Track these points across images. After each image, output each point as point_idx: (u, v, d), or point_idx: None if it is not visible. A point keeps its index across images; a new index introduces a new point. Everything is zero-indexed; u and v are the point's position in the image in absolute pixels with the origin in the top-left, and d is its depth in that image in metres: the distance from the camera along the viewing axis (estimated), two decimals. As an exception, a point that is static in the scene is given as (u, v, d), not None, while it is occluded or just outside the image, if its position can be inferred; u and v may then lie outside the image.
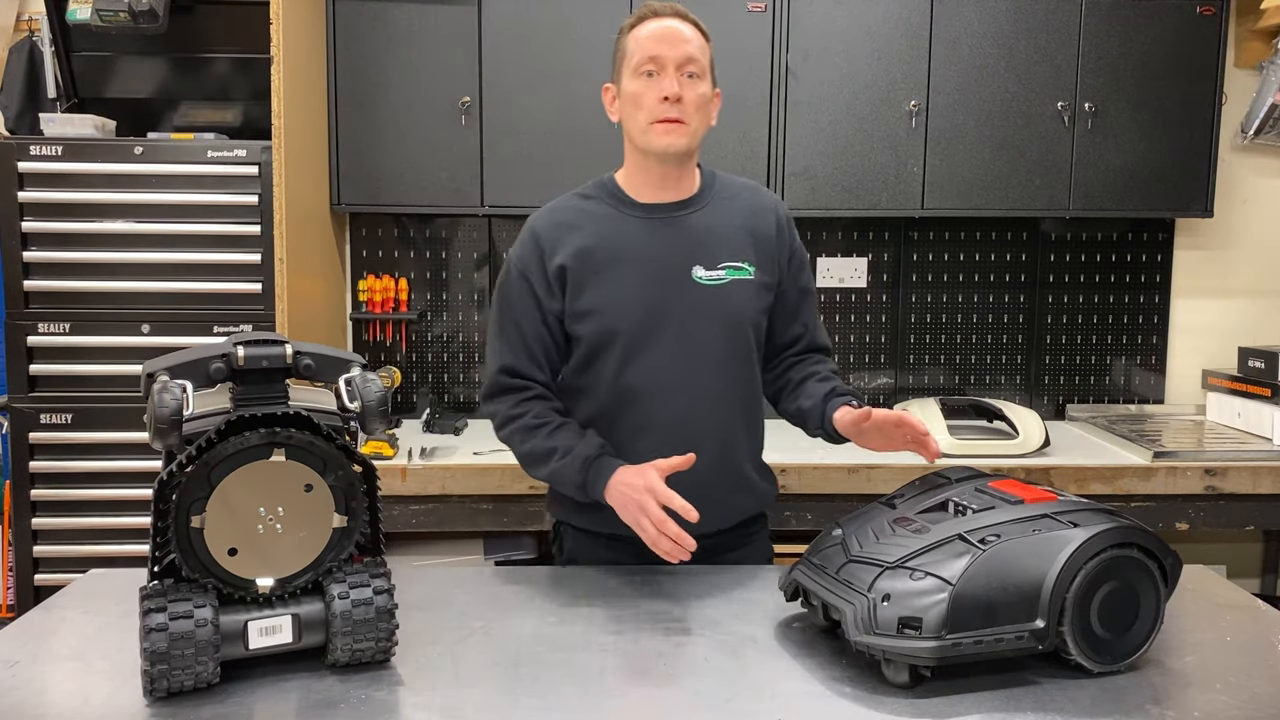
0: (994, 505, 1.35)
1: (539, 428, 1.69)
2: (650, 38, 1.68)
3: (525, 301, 1.73)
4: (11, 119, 3.01)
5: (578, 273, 1.70)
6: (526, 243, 1.75)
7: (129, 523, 2.75)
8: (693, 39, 1.69)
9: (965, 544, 1.27)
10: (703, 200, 1.77)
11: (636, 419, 1.71)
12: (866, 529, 1.39)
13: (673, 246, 1.72)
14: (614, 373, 1.71)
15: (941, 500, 1.41)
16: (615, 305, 1.69)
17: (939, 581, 1.23)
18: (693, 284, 1.71)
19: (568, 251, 1.71)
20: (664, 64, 1.66)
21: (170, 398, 1.14)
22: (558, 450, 1.66)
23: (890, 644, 1.21)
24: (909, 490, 1.49)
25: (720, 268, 1.72)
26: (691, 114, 1.68)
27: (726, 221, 1.75)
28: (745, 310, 1.74)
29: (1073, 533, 1.27)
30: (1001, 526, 1.29)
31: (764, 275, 1.76)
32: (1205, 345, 3.30)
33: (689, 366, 1.71)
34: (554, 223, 1.75)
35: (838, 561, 1.34)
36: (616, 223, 1.73)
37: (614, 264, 1.70)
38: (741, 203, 1.79)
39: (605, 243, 1.71)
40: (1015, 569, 1.24)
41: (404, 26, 2.84)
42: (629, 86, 1.69)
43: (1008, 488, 1.41)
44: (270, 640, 1.24)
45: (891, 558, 1.28)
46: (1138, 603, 1.30)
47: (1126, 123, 2.91)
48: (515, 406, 1.72)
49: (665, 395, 1.71)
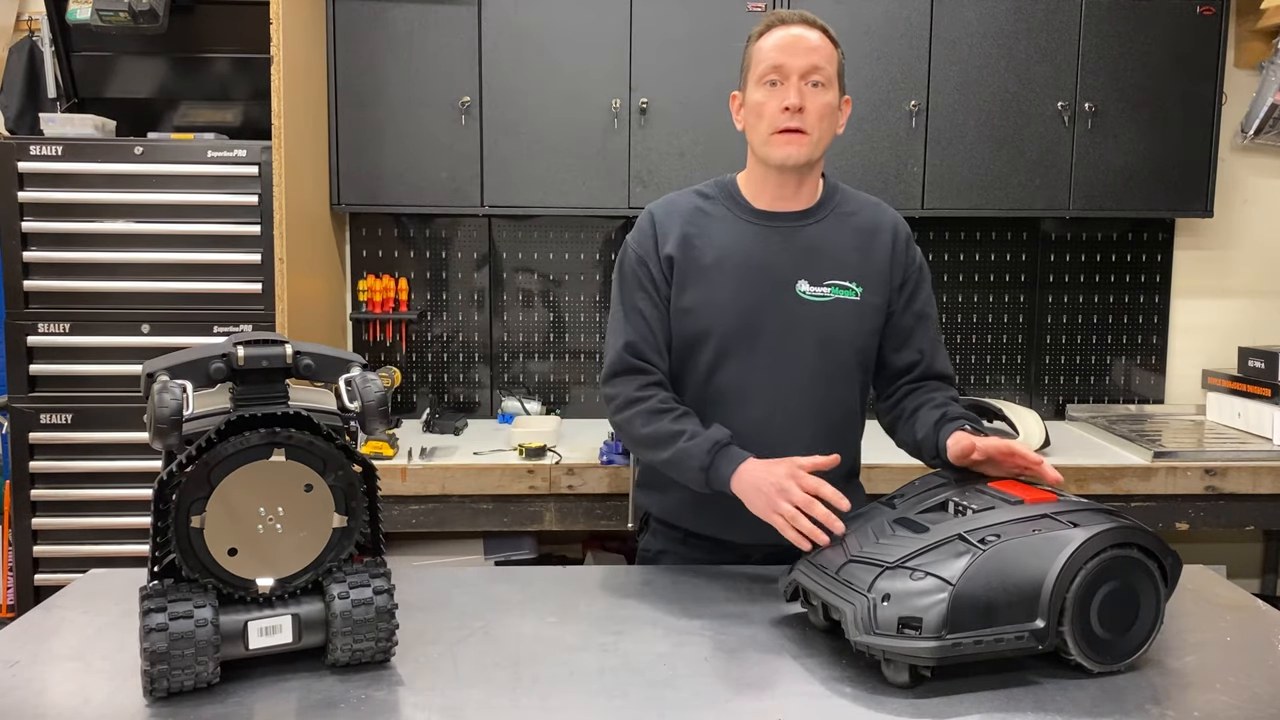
0: (994, 505, 1.35)
1: (665, 412, 1.66)
2: (774, 47, 1.66)
3: (644, 285, 1.72)
4: (11, 119, 3.01)
5: (683, 267, 1.70)
6: (644, 228, 1.75)
7: (129, 523, 2.75)
8: (819, 46, 1.66)
9: (965, 544, 1.27)
10: (820, 213, 1.74)
11: (717, 423, 1.67)
12: (866, 529, 1.39)
13: (781, 257, 1.70)
14: (704, 374, 1.71)
15: (942, 500, 1.41)
16: (712, 306, 1.69)
17: (939, 581, 1.23)
18: (795, 297, 1.69)
19: (676, 242, 1.71)
20: (787, 73, 1.64)
21: (170, 398, 1.14)
22: (685, 433, 1.62)
23: (890, 644, 1.21)
24: (909, 490, 1.48)
25: (826, 284, 1.70)
26: (814, 124, 1.65)
27: (840, 238, 1.72)
28: (846, 330, 1.70)
29: (1073, 533, 1.27)
30: (1001, 526, 1.29)
31: (873, 296, 1.72)
32: (1205, 345, 3.30)
33: (778, 379, 1.69)
34: (670, 212, 1.75)
35: (837, 562, 1.34)
36: (729, 225, 1.72)
37: (718, 265, 1.69)
38: (860, 219, 1.75)
39: (713, 243, 1.71)
40: (1015, 569, 1.24)
41: (404, 26, 2.84)
42: (753, 95, 1.68)
43: (1008, 488, 1.41)
44: (270, 640, 1.24)
45: (891, 558, 1.28)
46: (1138, 603, 1.29)
47: (1126, 123, 2.91)
48: (640, 389, 1.69)
49: (750, 403, 1.69)
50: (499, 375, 3.25)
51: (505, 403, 3.19)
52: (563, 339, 3.25)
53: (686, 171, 2.81)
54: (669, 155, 2.85)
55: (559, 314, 3.24)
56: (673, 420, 1.64)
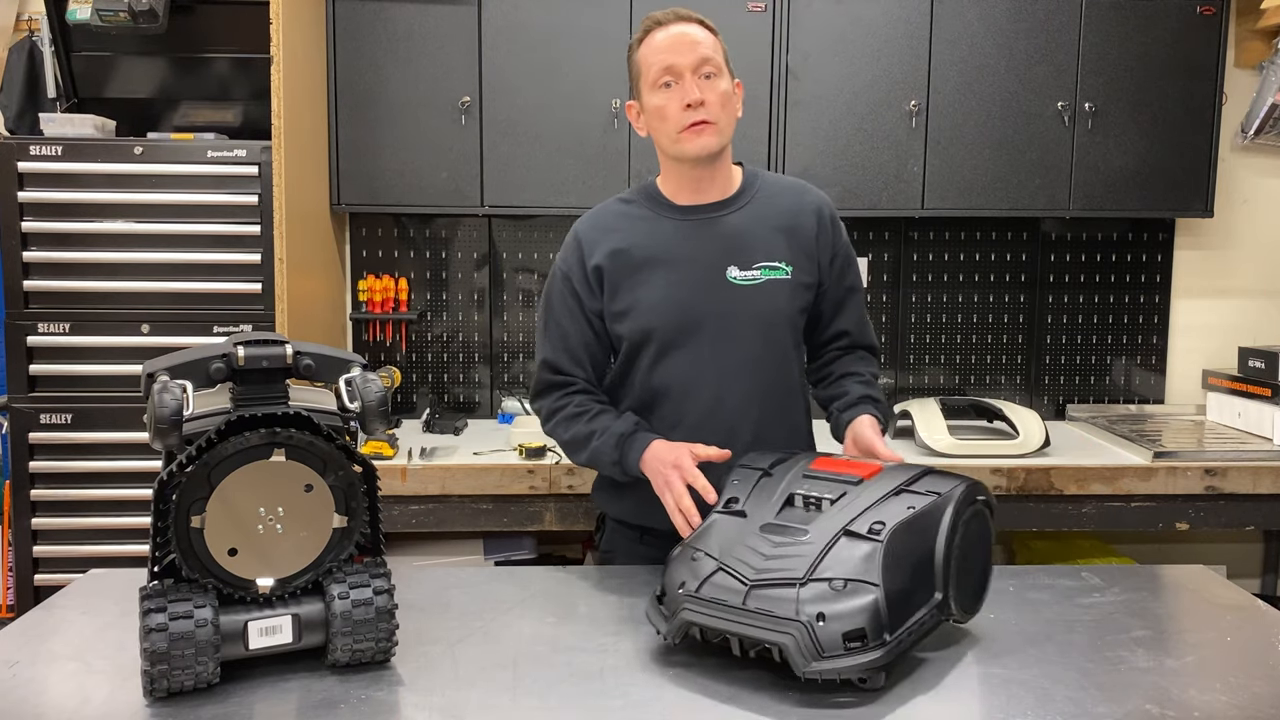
0: (843, 490, 1.35)
1: (579, 415, 1.74)
2: (661, 49, 1.68)
3: (567, 302, 1.78)
4: (11, 119, 3.01)
5: (614, 274, 1.75)
6: (569, 245, 1.81)
7: (129, 523, 2.75)
8: (703, 39, 1.69)
9: (859, 538, 1.26)
10: (741, 200, 1.78)
11: (668, 416, 1.75)
12: (738, 546, 1.30)
13: (707, 248, 1.74)
14: (647, 371, 1.75)
15: (785, 496, 1.37)
16: (649, 306, 1.73)
17: (864, 585, 1.21)
18: (727, 284, 1.73)
19: (604, 253, 1.75)
20: (680, 72, 1.67)
21: (170, 398, 1.14)
22: (596, 431, 1.71)
23: (842, 664, 1.17)
24: (736, 489, 1.42)
25: (755, 268, 1.74)
26: (717, 113, 1.68)
27: (764, 221, 1.76)
28: (781, 310, 1.75)
29: (938, 501, 1.31)
30: (874, 511, 1.30)
31: (802, 275, 1.76)
32: (1205, 345, 3.30)
33: (721, 365, 1.73)
34: (594, 225, 1.80)
35: (738, 589, 1.24)
36: (653, 225, 1.76)
37: (648, 266, 1.73)
38: (783, 202, 1.79)
39: (641, 245, 1.75)
40: (911, 550, 1.26)
41: (404, 26, 2.84)
42: (651, 101, 1.70)
43: (830, 466, 1.42)
44: (270, 640, 1.24)
45: (797, 572, 1.23)
46: (985, 547, 1.37)
47: (1126, 123, 2.91)
48: (558, 400, 1.78)
49: (696, 393, 1.74)
50: (499, 375, 3.25)
51: (505, 403, 3.19)
52: (563, 339, 3.24)
53: (686, 171, 2.81)
54: (669, 155, 2.85)
55: (559, 314, 3.23)
56: (586, 421, 1.73)
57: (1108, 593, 1.57)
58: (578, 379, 1.79)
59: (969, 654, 1.35)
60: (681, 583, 1.29)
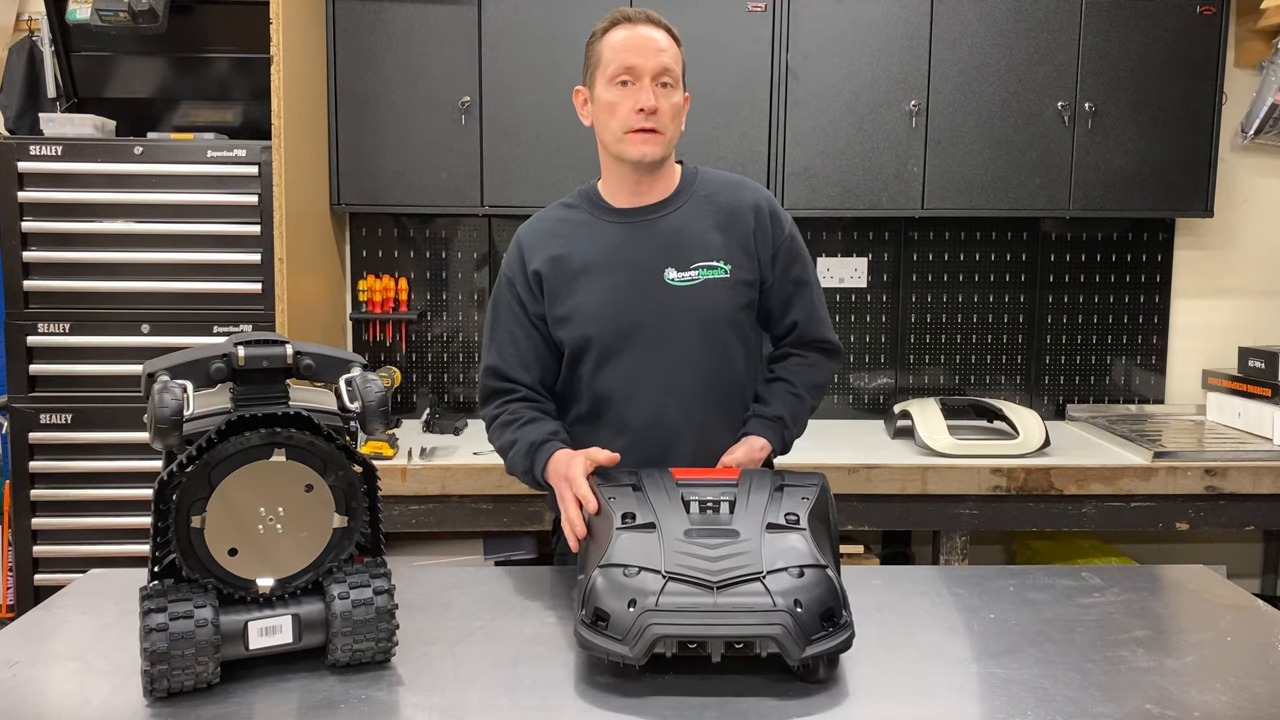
0: (726, 493, 1.40)
1: (510, 423, 1.74)
2: (625, 47, 1.68)
3: (511, 308, 1.79)
4: (11, 119, 3.01)
5: (552, 280, 1.75)
6: (512, 251, 1.81)
7: (129, 523, 2.75)
8: (667, 48, 1.70)
9: (783, 529, 1.32)
10: (678, 201, 1.77)
11: (613, 421, 1.75)
12: (673, 555, 1.28)
13: (644, 250, 1.74)
14: (590, 377, 1.75)
15: (684, 503, 1.39)
16: (587, 312, 1.73)
17: (816, 569, 1.26)
18: (665, 286, 1.72)
19: (543, 258, 1.75)
20: (639, 74, 1.67)
21: (171, 398, 1.14)
22: (516, 441, 1.71)
23: (829, 645, 1.22)
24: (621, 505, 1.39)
25: (693, 268, 1.73)
26: (667, 124, 1.69)
27: (701, 221, 1.76)
28: (720, 309, 1.73)
29: (809, 490, 1.41)
30: (775, 505, 1.37)
31: (742, 272, 1.75)
32: (1205, 345, 3.29)
33: (661, 369, 1.73)
34: (535, 231, 1.80)
35: (703, 594, 1.23)
36: (592, 229, 1.77)
37: (586, 271, 1.74)
38: (721, 200, 1.78)
39: (579, 250, 1.75)
40: (819, 533, 1.34)
41: (404, 26, 2.84)
42: (604, 95, 1.70)
43: (692, 474, 1.48)
44: (270, 640, 1.24)
45: (754, 567, 1.26)
46: None
47: (1126, 123, 2.91)
48: (498, 408, 1.78)
49: (638, 398, 1.74)
50: (499, 375, 3.25)
51: (505, 403, 3.18)
52: (563, 339, 3.24)
53: (686, 171, 2.81)
54: (669, 155, 2.85)
55: (559, 314, 3.23)
56: (513, 430, 1.73)
57: (1108, 593, 1.57)
58: (520, 386, 1.77)
59: (969, 654, 1.35)
60: (630, 601, 1.23)
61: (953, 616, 1.49)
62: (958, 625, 1.45)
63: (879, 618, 1.46)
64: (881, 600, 1.54)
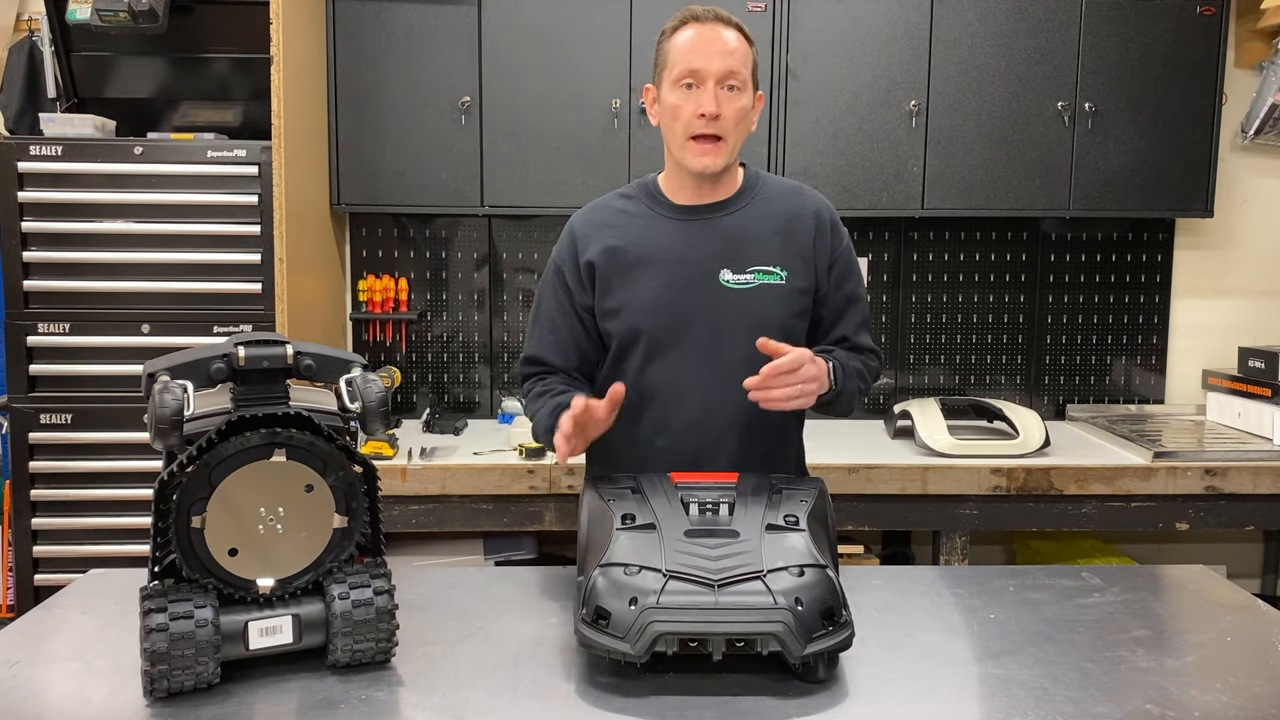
0: (726, 495, 1.41)
1: (545, 393, 1.75)
2: (690, 48, 1.65)
3: (556, 295, 1.78)
4: (11, 119, 3.01)
5: (605, 271, 1.73)
6: (564, 239, 1.80)
7: (129, 523, 2.75)
8: (735, 49, 1.65)
9: (781, 530, 1.33)
10: (740, 202, 1.75)
11: (655, 418, 1.73)
12: (674, 555, 1.29)
13: (701, 248, 1.71)
14: (636, 371, 1.73)
15: (684, 505, 1.40)
16: (639, 305, 1.71)
17: (816, 568, 1.26)
18: (719, 287, 1.70)
19: (597, 249, 1.73)
20: (704, 78, 1.64)
21: (171, 398, 1.14)
22: (545, 406, 1.71)
23: (830, 643, 1.22)
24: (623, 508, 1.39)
25: (749, 271, 1.71)
26: (730, 129, 1.65)
27: (760, 224, 1.73)
28: (772, 315, 1.70)
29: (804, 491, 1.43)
30: (774, 507, 1.38)
31: (798, 280, 1.72)
32: (1205, 345, 3.29)
33: (709, 370, 1.70)
34: (590, 221, 1.78)
35: (704, 592, 1.23)
36: (649, 223, 1.74)
37: (641, 264, 1.71)
38: (781, 205, 1.75)
39: (635, 243, 1.73)
40: (818, 534, 1.35)
41: (404, 26, 2.84)
42: (668, 97, 1.68)
43: (691, 478, 1.48)
44: (270, 640, 1.24)
45: (754, 566, 1.26)
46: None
47: (1126, 123, 2.91)
48: (534, 381, 1.80)
49: (683, 397, 1.71)
50: (499, 375, 3.25)
51: (505, 403, 3.19)
52: (563, 339, 3.24)
53: (686, 171, 2.81)
54: (669, 155, 2.85)
55: (559, 314, 3.23)
56: (546, 399, 1.73)
57: (1108, 593, 1.57)
58: (557, 370, 1.79)
59: (969, 654, 1.35)
60: (632, 599, 1.23)
61: (953, 616, 1.49)
62: (958, 625, 1.45)
63: (879, 618, 1.46)
64: (881, 600, 1.54)
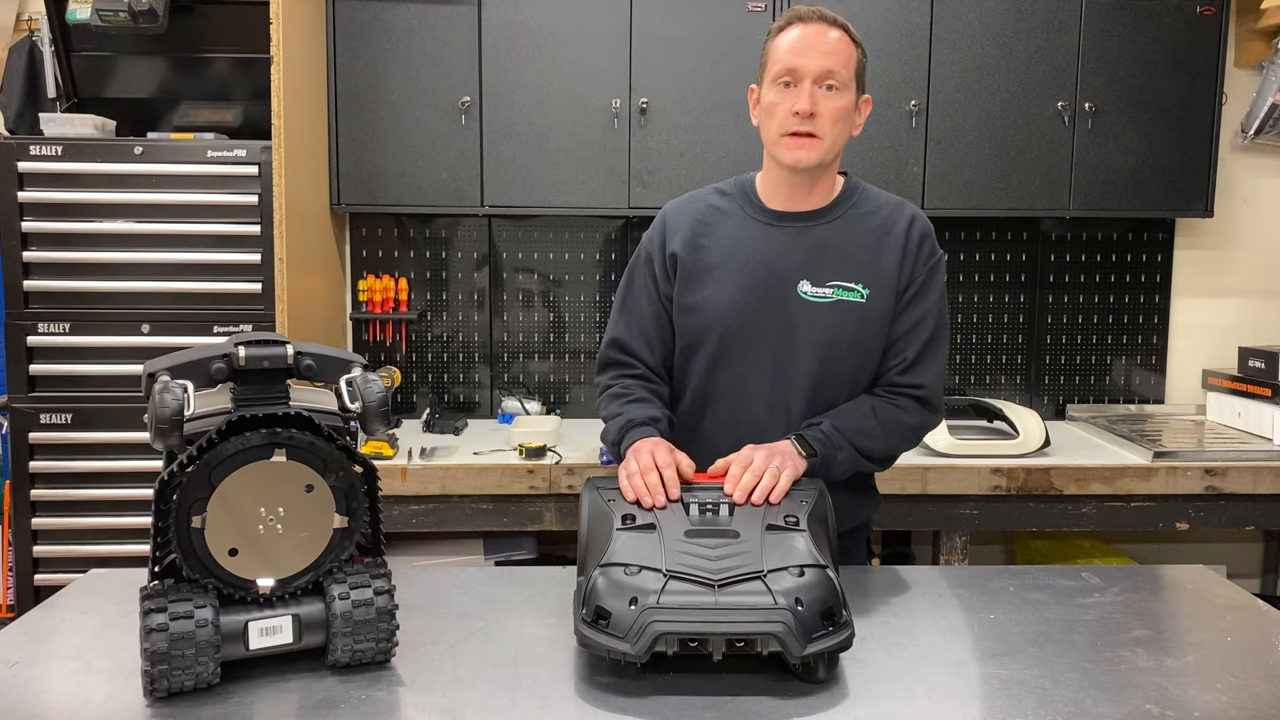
0: (723, 497, 1.42)
1: (620, 396, 1.73)
2: (790, 47, 1.63)
3: (645, 282, 1.77)
4: (11, 119, 3.01)
5: (687, 265, 1.72)
6: (656, 225, 1.79)
7: (129, 523, 2.75)
8: (837, 49, 1.62)
9: (782, 530, 1.33)
10: (833, 213, 1.72)
11: (720, 422, 1.72)
12: (674, 555, 1.28)
13: (786, 257, 1.69)
14: (705, 373, 1.72)
15: (684, 506, 1.40)
16: (714, 305, 1.69)
17: (816, 568, 1.26)
18: (796, 298, 1.67)
19: (682, 241, 1.72)
20: (800, 76, 1.62)
21: (171, 398, 1.14)
22: (619, 415, 1.68)
23: (830, 643, 1.22)
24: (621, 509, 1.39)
25: (829, 285, 1.67)
26: (826, 128, 1.63)
27: (850, 238, 1.69)
28: (846, 333, 1.67)
29: (805, 492, 1.43)
30: (776, 507, 1.39)
31: (879, 299, 1.67)
32: (1205, 345, 3.30)
33: (776, 380, 1.69)
34: (682, 211, 1.77)
35: (704, 592, 1.23)
36: (739, 224, 1.73)
37: (723, 264, 1.70)
38: (876, 220, 1.71)
39: (720, 242, 1.71)
40: (818, 534, 1.35)
41: (404, 26, 2.84)
42: (767, 95, 1.67)
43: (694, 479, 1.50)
44: (270, 640, 1.24)
45: (754, 566, 1.26)
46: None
47: (1126, 123, 2.91)
48: (613, 378, 1.78)
49: (749, 404, 1.70)
50: (499, 375, 3.25)
51: (505, 403, 3.19)
52: (563, 339, 3.25)
53: (686, 171, 2.81)
54: (669, 155, 2.85)
55: (559, 314, 3.24)
56: (620, 404, 1.71)
57: (1108, 593, 1.57)
58: (639, 363, 1.76)
59: (969, 654, 1.35)
60: (632, 599, 1.23)
61: (953, 616, 1.48)
62: (958, 625, 1.45)
63: (879, 618, 1.46)
64: (881, 600, 1.54)
